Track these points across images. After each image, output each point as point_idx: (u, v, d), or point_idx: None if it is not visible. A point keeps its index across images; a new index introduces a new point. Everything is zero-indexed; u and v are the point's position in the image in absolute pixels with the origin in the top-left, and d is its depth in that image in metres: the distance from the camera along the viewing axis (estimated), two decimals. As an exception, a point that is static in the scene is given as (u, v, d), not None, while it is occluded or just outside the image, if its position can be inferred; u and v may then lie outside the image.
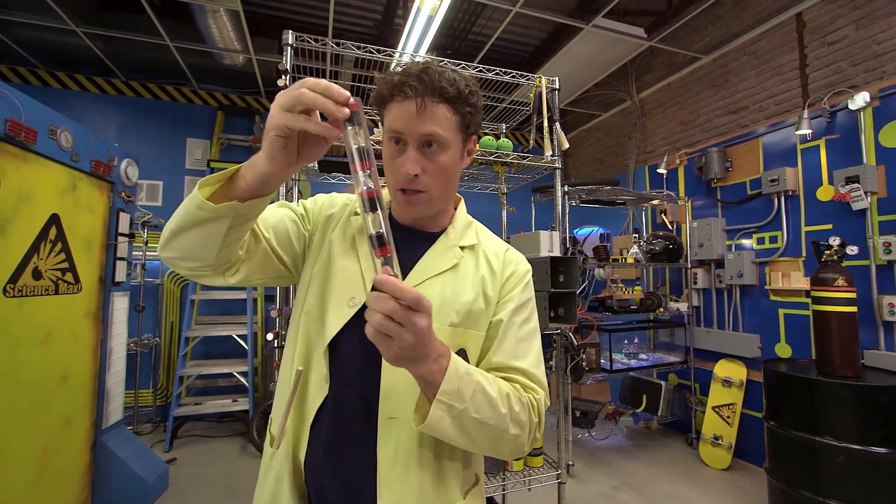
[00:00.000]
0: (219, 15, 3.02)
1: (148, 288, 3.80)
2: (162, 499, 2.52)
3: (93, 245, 2.24)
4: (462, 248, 0.76)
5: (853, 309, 2.15)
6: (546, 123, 1.68)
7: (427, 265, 0.72)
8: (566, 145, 1.68)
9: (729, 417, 3.04)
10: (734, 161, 3.28)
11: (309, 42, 1.41)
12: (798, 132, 2.75)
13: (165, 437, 3.26)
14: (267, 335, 1.67)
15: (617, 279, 3.50)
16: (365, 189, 0.52)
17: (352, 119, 0.52)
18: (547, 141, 1.67)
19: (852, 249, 2.26)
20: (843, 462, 1.99)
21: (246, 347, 3.55)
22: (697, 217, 3.50)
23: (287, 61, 1.37)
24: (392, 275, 0.49)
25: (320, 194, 0.84)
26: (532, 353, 0.72)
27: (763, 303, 3.03)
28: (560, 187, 1.69)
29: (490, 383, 0.62)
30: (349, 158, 0.53)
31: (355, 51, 1.52)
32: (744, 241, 3.19)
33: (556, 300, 1.60)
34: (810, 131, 2.72)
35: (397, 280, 0.48)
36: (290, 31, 1.42)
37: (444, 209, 0.77)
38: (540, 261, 1.53)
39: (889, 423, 1.95)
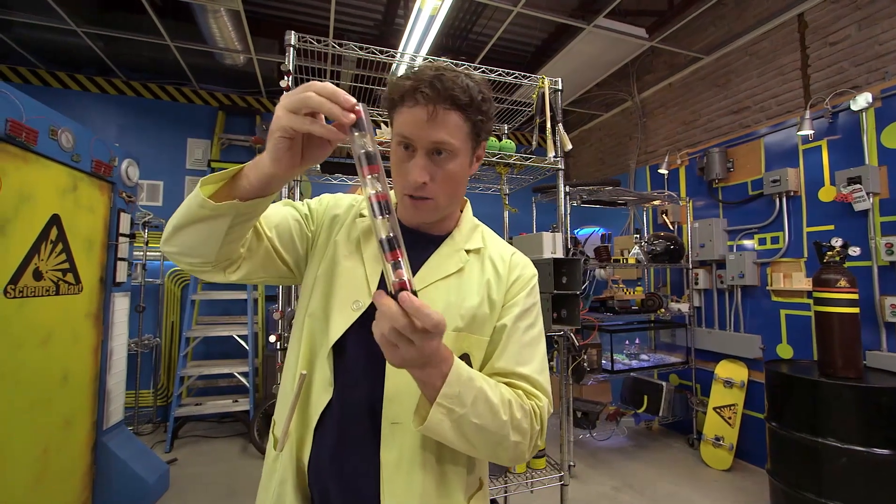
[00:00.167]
0: (219, 15, 3.02)
1: (148, 288, 3.80)
2: (163, 499, 2.52)
3: (93, 245, 2.24)
4: (468, 252, 0.75)
5: (855, 310, 2.14)
6: (549, 124, 1.67)
7: (432, 269, 0.72)
8: (569, 146, 1.68)
9: (730, 418, 3.03)
10: (736, 161, 3.28)
11: (312, 43, 1.41)
12: (800, 133, 2.75)
13: (166, 438, 3.25)
14: (269, 337, 1.66)
15: (618, 280, 3.49)
16: (374, 193, 0.51)
17: (358, 124, 0.52)
18: (550, 142, 1.67)
19: (854, 250, 2.25)
20: (846, 463, 1.99)
21: (247, 348, 3.55)
22: (699, 217, 3.50)
23: (290, 62, 1.36)
24: (404, 279, 0.49)
25: (325, 194, 0.83)
26: (536, 359, 0.72)
27: (764, 303, 3.03)
28: (563, 188, 1.68)
29: (492, 389, 0.62)
30: (356, 163, 0.53)
31: (358, 52, 1.51)
32: (745, 242, 3.18)
33: (559, 301, 1.60)
34: (812, 132, 2.72)
35: (421, 304, 0.48)
36: (293, 32, 1.41)
37: (450, 213, 0.76)
38: (543, 262, 1.53)
39: (891, 424, 1.94)
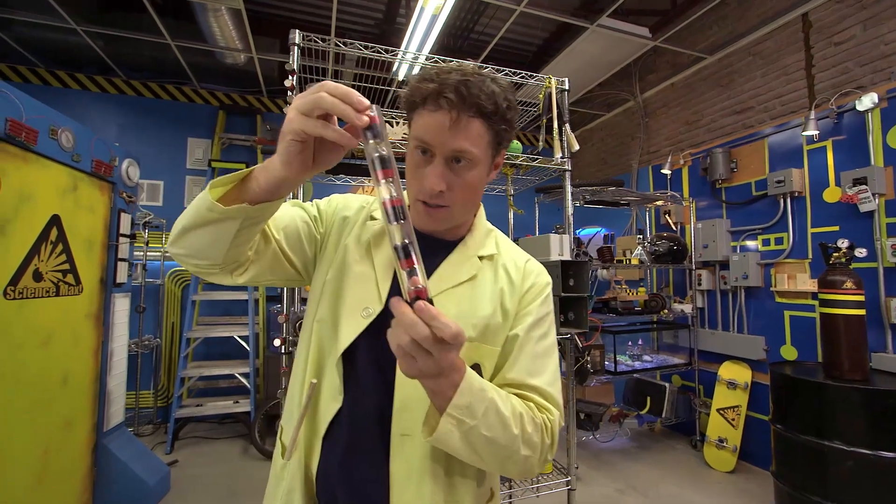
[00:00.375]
0: (220, 14, 3.00)
1: (149, 288, 3.78)
2: (164, 501, 2.50)
3: (94, 246, 2.22)
4: (480, 258, 0.73)
5: (862, 312, 2.13)
6: (556, 124, 1.65)
7: (444, 276, 0.70)
8: (576, 147, 1.66)
9: (734, 420, 3.02)
10: (739, 162, 3.26)
11: (316, 42, 1.39)
12: (805, 133, 2.73)
13: (167, 439, 3.24)
14: (274, 340, 1.64)
15: (621, 280, 3.48)
16: (388, 198, 0.50)
17: (373, 129, 0.51)
18: (557, 142, 1.65)
19: (861, 252, 2.24)
20: (852, 466, 1.97)
21: (247, 349, 3.53)
22: (701, 218, 3.48)
23: (294, 61, 1.34)
24: (421, 287, 0.48)
25: (335, 195, 0.81)
26: (548, 371, 0.70)
27: (768, 304, 3.02)
28: (570, 189, 1.66)
29: (504, 401, 0.60)
30: (370, 166, 0.51)
31: (364, 51, 1.49)
32: (748, 243, 3.17)
33: (566, 304, 1.58)
34: (817, 132, 2.70)
35: (439, 313, 0.46)
36: (297, 31, 1.39)
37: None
38: (551, 265, 1.52)
39: (898, 427, 1.93)
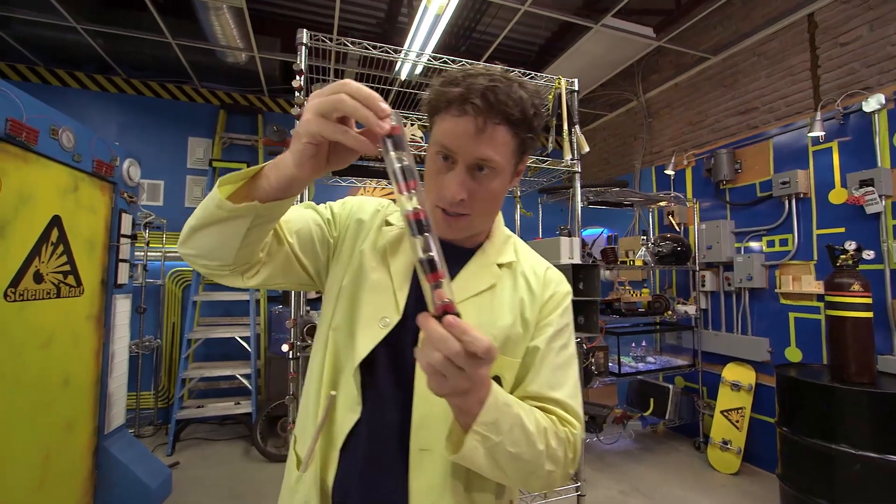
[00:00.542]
0: (222, 12, 2.97)
1: (149, 289, 3.76)
2: (165, 504, 2.48)
3: (95, 247, 2.20)
4: (500, 266, 0.71)
5: (869, 314, 2.11)
6: (566, 126, 1.63)
7: (462, 285, 0.67)
8: (586, 149, 1.64)
9: (738, 422, 3.01)
10: (744, 163, 3.25)
11: (324, 41, 1.37)
12: (810, 134, 2.72)
13: (167, 441, 3.22)
14: (282, 346, 1.63)
15: (624, 281, 3.46)
16: (411, 210, 0.48)
17: (395, 140, 0.48)
18: (566, 144, 1.63)
19: (868, 254, 2.23)
20: (860, 470, 1.96)
21: (249, 350, 3.51)
22: (705, 219, 3.47)
23: (302, 61, 1.32)
24: (449, 301, 0.46)
25: (350, 197, 0.79)
26: (569, 383, 0.68)
27: (773, 306, 3.00)
28: (579, 191, 1.64)
29: (529, 416, 0.59)
30: (391, 176, 0.49)
31: (371, 51, 1.47)
32: (752, 244, 3.15)
33: (576, 308, 1.56)
34: (823, 133, 2.68)
35: (470, 327, 0.44)
36: (305, 30, 1.37)
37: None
38: (562, 269, 1.48)
39: (907, 430, 1.92)
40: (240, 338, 3.55)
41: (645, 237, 3.35)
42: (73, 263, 2.02)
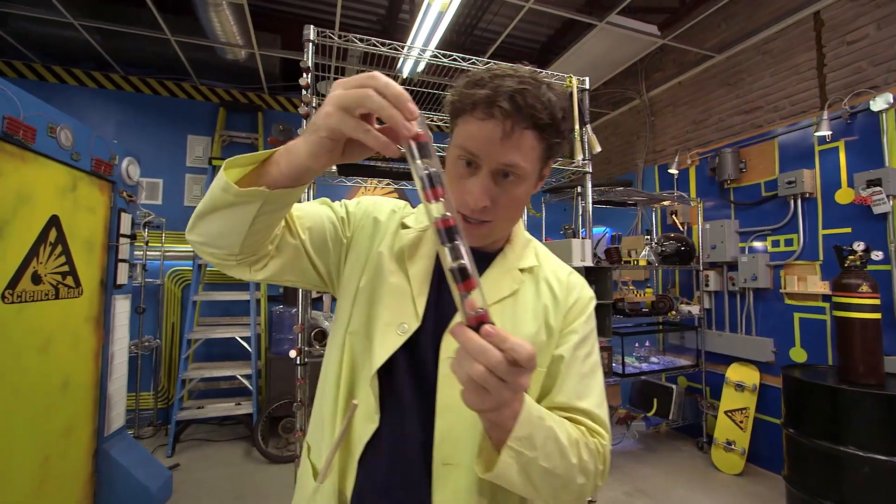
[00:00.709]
0: (221, 9, 2.93)
1: (148, 289, 3.72)
2: (166, 507, 2.46)
3: (94, 247, 2.16)
4: (521, 271, 0.68)
5: (877, 316, 2.10)
6: (577, 125, 1.60)
7: (484, 291, 0.65)
8: (598, 148, 1.61)
9: (742, 422, 3.00)
10: (748, 162, 3.22)
11: (332, 38, 1.33)
12: (817, 133, 2.70)
13: (167, 442, 3.19)
14: (290, 352, 1.60)
15: (628, 281, 3.44)
16: (439, 217, 0.45)
17: (420, 144, 0.46)
18: (578, 144, 1.60)
19: (877, 255, 2.21)
20: (868, 473, 1.95)
21: (249, 350, 3.48)
22: (709, 218, 3.45)
23: (309, 58, 1.28)
24: (482, 311, 0.43)
25: (365, 197, 0.77)
26: (595, 391, 0.66)
27: (777, 306, 2.99)
28: (591, 192, 1.62)
29: (560, 428, 0.56)
30: (418, 183, 0.46)
31: (381, 48, 1.44)
32: (757, 244, 3.14)
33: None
34: (830, 132, 2.66)
35: (508, 335, 0.42)
36: (312, 27, 1.34)
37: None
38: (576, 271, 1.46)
39: (916, 433, 1.91)
40: (240, 338, 3.51)
41: (649, 237, 3.33)
42: (72, 264, 1.99)
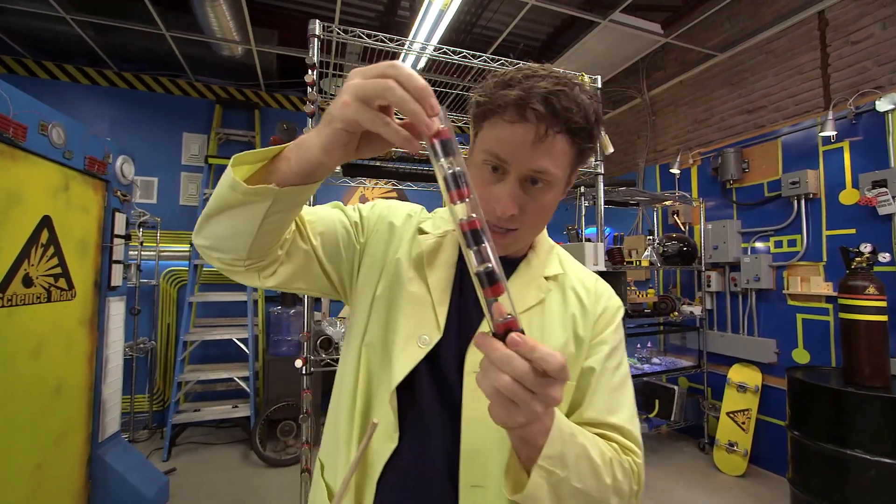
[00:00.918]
0: (217, 3, 2.87)
1: (143, 290, 3.65)
2: (162, 513, 2.41)
3: (87, 248, 2.10)
4: (546, 279, 0.65)
5: (884, 318, 2.08)
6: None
7: None
8: (610, 149, 1.58)
9: (744, 423, 2.98)
10: (751, 162, 3.21)
11: (339, 33, 1.29)
12: (822, 133, 2.68)
13: (163, 445, 3.13)
14: (295, 362, 1.55)
15: (630, 282, 3.42)
16: (465, 219, 0.41)
17: (443, 142, 0.42)
18: (589, 144, 1.55)
19: (884, 257, 2.19)
20: (874, 476, 1.93)
21: (247, 351, 3.43)
22: (711, 219, 3.43)
23: (314, 54, 1.24)
24: (510, 318, 0.39)
25: (378, 200, 0.74)
26: (626, 405, 0.62)
27: (780, 307, 2.97)
28: (602, 193, 1.58)
29: (592, 445, 0.52)
30: (441, 183, 0.42)
31: (389, 44, 1.40)
32: (759, 245, 3.12)
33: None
34: (835, 133, 2.65)
35: (537, 343, 0.38)
36: (318, 21, 1.29)
37: None
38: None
39: (923, 436, 1.89)
40: (237, 339, 3.46)
41: (651, 237, 3.31)
42: (65, 265, 1.93)
